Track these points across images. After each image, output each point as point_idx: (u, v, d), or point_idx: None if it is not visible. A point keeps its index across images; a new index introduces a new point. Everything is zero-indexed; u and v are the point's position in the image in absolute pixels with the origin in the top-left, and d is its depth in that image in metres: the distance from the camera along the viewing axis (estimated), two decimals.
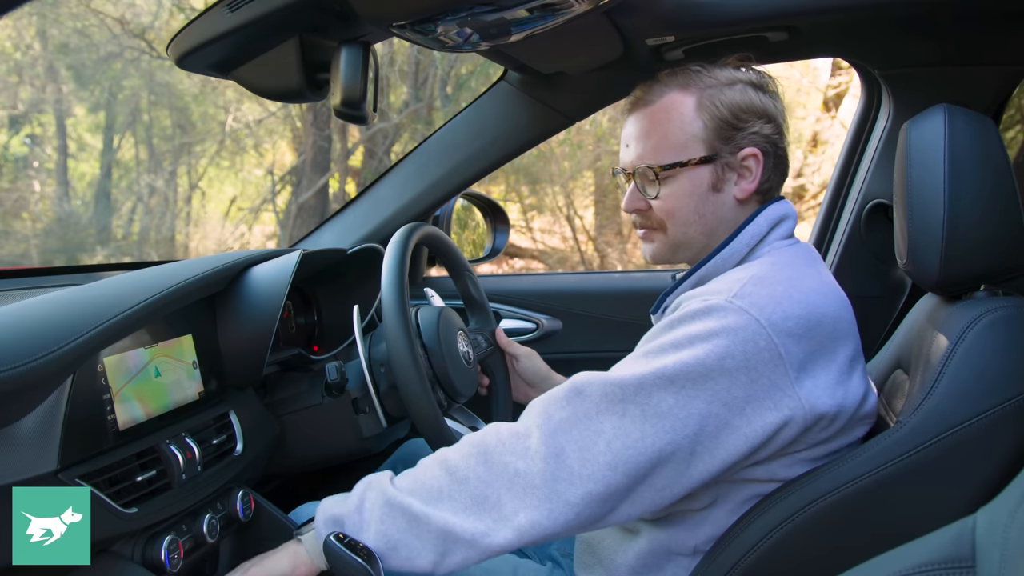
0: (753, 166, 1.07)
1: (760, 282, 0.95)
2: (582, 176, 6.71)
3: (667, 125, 1.07)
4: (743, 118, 1.06)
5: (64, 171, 5.98)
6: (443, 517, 0.91)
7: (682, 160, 1.06)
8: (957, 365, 0.96)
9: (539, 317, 1.81)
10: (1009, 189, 1.02)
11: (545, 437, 0.90)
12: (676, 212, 1.08)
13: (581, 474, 0.89)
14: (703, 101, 1.06)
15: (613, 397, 0.91)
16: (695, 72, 1.08)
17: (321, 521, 0.97)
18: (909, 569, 0.63)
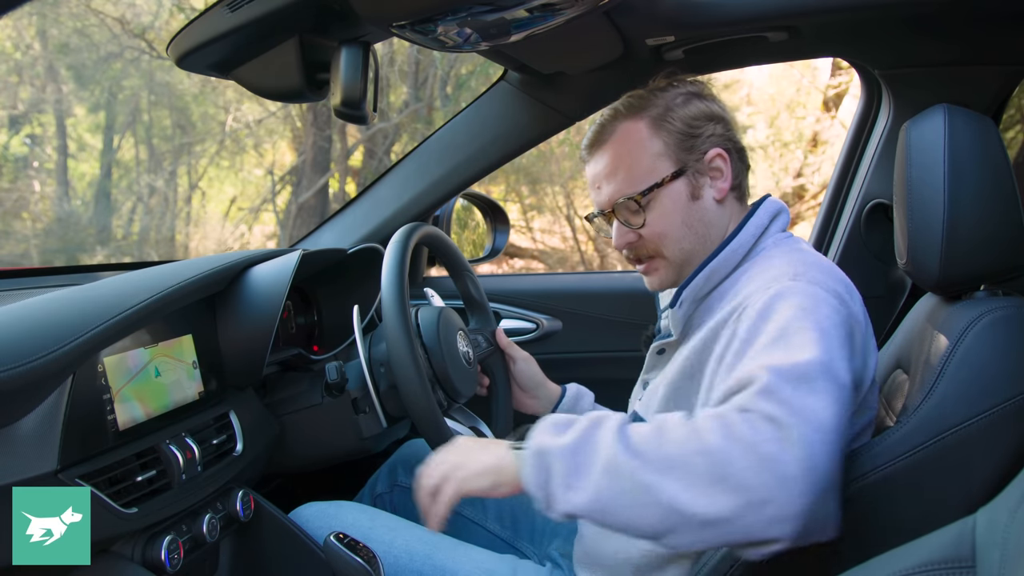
0: (722, 165, 1.10)
1: (805, 263, 0.99)
2: (582, 176, 6.69)
3: (630, 154, 1.11)
4: (695, 125, 1.10)
5: (64, 171, 5.98)
6: (655, 486, 0.78)
7: (656, 181, 1.09)
8: (957, 365, 0.96)
9: (539, 317, 1.82)
10: (1009, 189, 1.02)
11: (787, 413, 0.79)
12: (667, 232, 1.11)
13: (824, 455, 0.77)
14: (654, 121, 1.10)
15: (811, 374, 0.82)
16: (637, 99, 1.12)
17: (532, 448, 0.85)
18: (909, 569, 0.63)
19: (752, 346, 0.90)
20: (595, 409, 1.43)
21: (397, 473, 1.47)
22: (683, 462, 0.77)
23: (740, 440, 0.77)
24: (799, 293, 0.93)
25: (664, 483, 0.77)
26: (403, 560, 1.16)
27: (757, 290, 0.97)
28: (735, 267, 1.08)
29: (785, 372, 0.82)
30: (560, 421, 0.89)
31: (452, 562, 1.16)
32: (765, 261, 1.05)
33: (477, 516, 1.40)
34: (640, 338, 1.34)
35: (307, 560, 1.17)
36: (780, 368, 0.82)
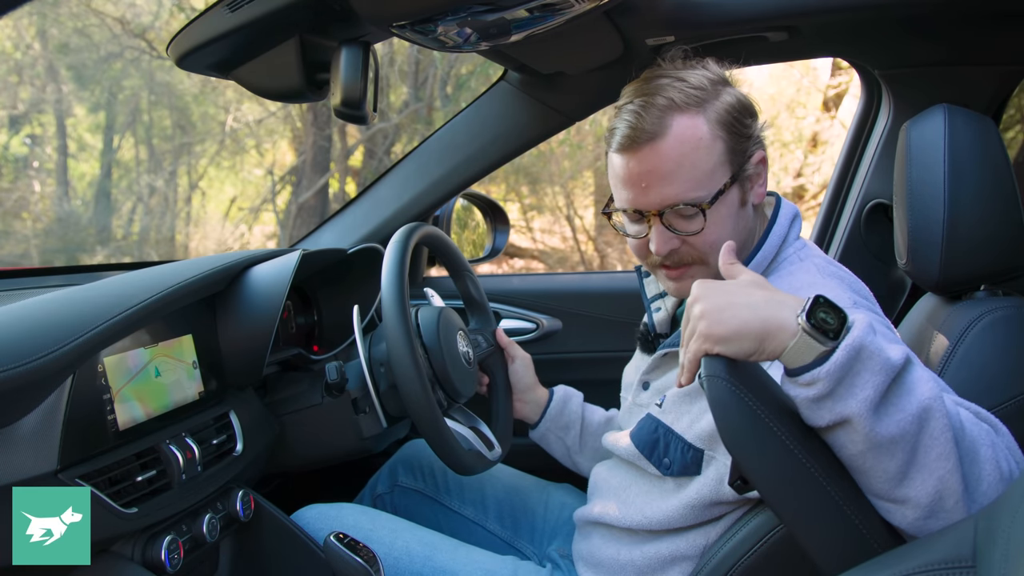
0: (763, 170, 1.07)
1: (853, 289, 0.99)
2: (582, 176, 6.71)
3: (693, 155, 1.00)
4: (746, 122, 1.04)
5: (64, 171, 5.98)
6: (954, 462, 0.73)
7: (720, 188, 1.01)
8: (957, 365, 0.96)
9: (539, 317, 1.81)
10: (1009, 189, 1.02)
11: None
12: (720, 240, 0.98)
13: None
14: (711, 117, 1.01)
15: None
16: (678, 87, 1.01)
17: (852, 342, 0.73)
18: (909, 569, 0.63)
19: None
20: (584, 409, 1.42)
21: (397, 473, 1.47)
22: (979, 457, 0.74)
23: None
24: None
25: (958, 465, 0.72)
26: (403, 561, 1.16)
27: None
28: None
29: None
30: (879, 330, 0.82)
31: (452, 563, 1.16)
32: (800, 275, 1.02)
33: (478, 517, 1.40)
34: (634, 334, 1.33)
35: (307, 560, 1.17)
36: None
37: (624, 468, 1.16)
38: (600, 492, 1.19)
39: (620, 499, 1.13)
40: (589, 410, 1.43)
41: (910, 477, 0.73)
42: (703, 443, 1.03)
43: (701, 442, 1.03)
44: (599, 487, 1.20)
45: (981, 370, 0.95)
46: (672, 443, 1.06)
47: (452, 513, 1.42)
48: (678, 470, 1.05)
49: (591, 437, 1.39)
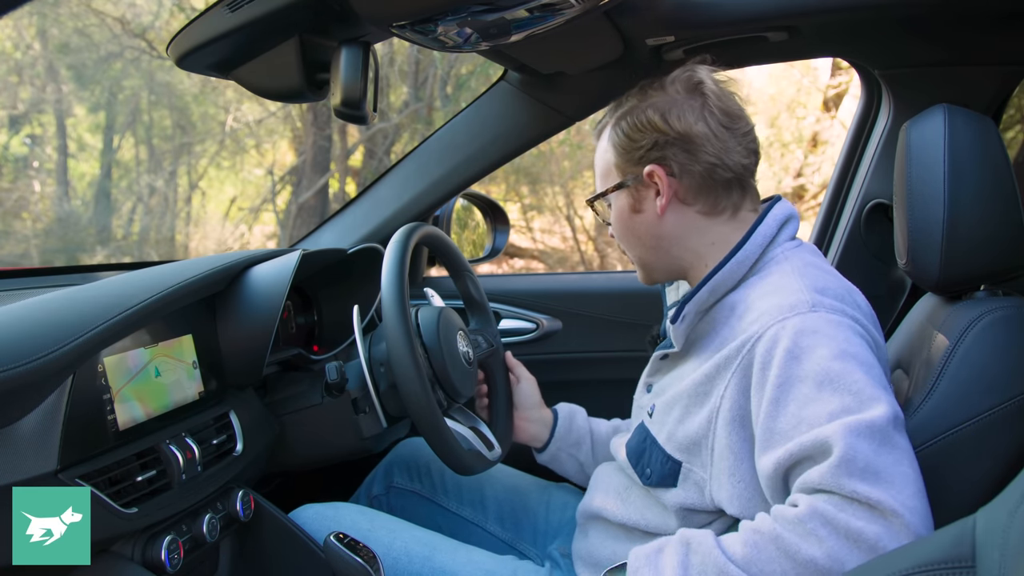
0: (659, 182, 1.07)
1: (815, 287, 0.97)
2: (582, 176, 6.71)
3: (599, 158, 1.15)
4: (638, 138, 1.08)
5: (64, 171, 5.98)
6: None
7: (603, 189, 1.13)
8: (957, 365, 0.96)
9: (539, 317, 1.81)
10: (1009, 189, 1.02)
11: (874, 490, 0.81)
12: (619, 237, 1.15)
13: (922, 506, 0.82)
14: (611, 130, 1.12)
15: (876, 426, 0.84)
16: (625, 98, 1.13)
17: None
18: (909, 569, 0.63)
19: (790, 393, 0.89)
20: (590, 423, 1.40)
21: (393, 475, 1.47)
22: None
23: (845, 536, 0.79)
24: (824, 327, 0.91)
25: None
26: (402, 562, 1.16)
27: (771, 320, 0.93)
28: (741, 279, 1.04)
29: (857, 431, 0.83)
30: (646, 551, 0.91)
31: (452, 563, 1.16)
32: (774, 277, 1.01)
33: (477, 517, 1.40)
34: (644, 339, 1.34)
35: (307, 560, 1.17)
36: (849, 428, 0.83)
37: (626, 472, 1.16)
38: (602, 487, 1.19)
39: (621, 497, 1.14)
40: (595, 423, 1.41)
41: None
42: (681, 455, 1.03)
43: (679, 453, 1.03)
44: (601, 482, 1.20)
45: (981, 370, 0.95)
46: (654, 453, 1.07)
47: (450, 514, 1.42)
48: (656, 480, 1.06)
49: (602, 449, 1.37)
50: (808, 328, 0.91)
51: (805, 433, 0.86)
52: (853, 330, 0.92)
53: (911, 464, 0.84)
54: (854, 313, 0.95)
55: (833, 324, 0.92)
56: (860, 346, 0.91)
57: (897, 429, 0.85)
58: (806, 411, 0.87)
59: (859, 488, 0.80)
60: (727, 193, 1.08)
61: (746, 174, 1.09)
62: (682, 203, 1.08)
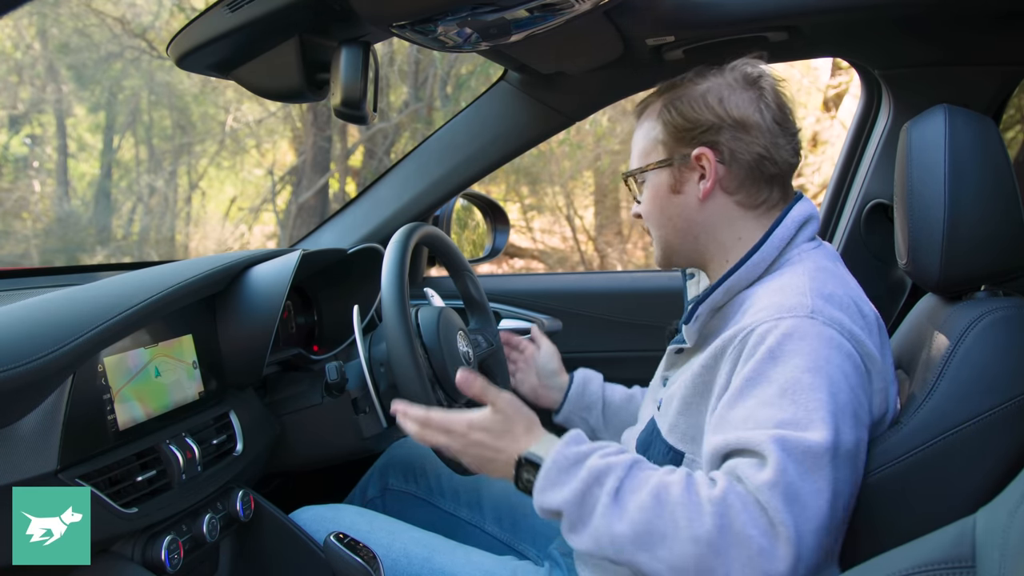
0: (707, 165, 1.07)
1: (821, 293, 0.96)
2: (582, 176, 6.71)
3: (641, 132, 1.14)
4: (696, 119, 1.07)
5: (64, 171, 5.98)
6: (644, 562, 0.86)
7: (643, 165, 1.12)
8: (957, 365, 0.96)
9: (539, 317, 1.81)
10: (1010, 189, 1.02)
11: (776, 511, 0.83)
12: (648, 216, 1.14)
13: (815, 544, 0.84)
14: (663, 107, 1.11)
15: (817, 452, 0.85)
16: (680, 79, 1.12)
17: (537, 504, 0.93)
18: (909, 569, 0.63)
19: (755, 390, 0.91)
20: (604, 389, 1.43)
21: (388, 477, 1.47)
22: (674, 545, 0.84)
23: (734, 534, 0.82)
24: (813, 337, 0.91)
25: (652, 561, 0.85)
26: (401, 563, 1.16)
27: (768, 316, 0.94)
28: (756, 279, 1.04)
29: (792, 449, 0.85)
30: (563, 467, 0.93)
31: (450, 564, 1.16)
32: (786, 277, 1.01)
33: (475, 518, 1.40)
34: (639, 338, 1.34)
35: (307, 560, 1.17)
36: (787, 443, 0.85)
37: None
38: None
39: None
40: (609, 389, 1.44)
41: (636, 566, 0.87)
42: (683, 445, 1.03)
43: (681, 444, 1.04)
44: None
45: (982, 370, 0.95)
46: (658, 445, 1.07)
47: (448, 515, 1.41)
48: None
49: (613, 415, 1.41)
50: (797, 333, 0.92)
51: (750, 431, 0.88)
52: (841, 349, 0.92)
53: (831, 500, 0.85)
54: (852, 327, 0.94)
55: (823, 337, 0.92)
56: (839, 366, 0.91)
57: (835, 460, 0.86)
58: (760, 412, 0.89)
59: (773, 502, 0.82)
60: (768, 188, 1.09)
61: (790, 173, 1.11)
62: (724, 191, 1.08)
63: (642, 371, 1.46)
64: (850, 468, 0.89)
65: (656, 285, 1.88)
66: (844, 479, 0.87)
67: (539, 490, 0.93)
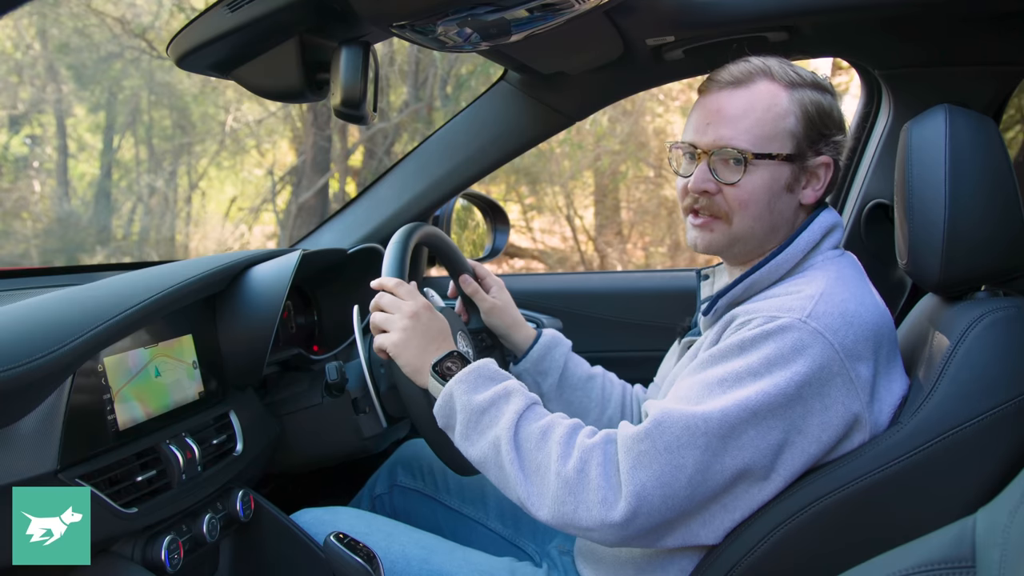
0: (823, 174, 1.08)
1: (830, 300, 0.96)
2: (582, 176, 6.70)
3: (762, 112, 1.04)
4: (828, 124, 1.07)
5: (64, 171, 5.98)
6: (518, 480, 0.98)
7: (772, 152, 1.04)
8: (958, 365, 0.96)
9: (539, 317, 1.81)
10: (1010, 189, 1.02)
11: (626, 471, 0.93)
12: (750, 203, 1.05)
13: (661, 508, 0.92)
14: (796, 98, 1.05)
15: (696, 431, 0.91)
16: (780, 64, 1.07)
17: (446, 392, 1.04)
18: (909, 569, 0.63)
19: (707, 369, 0.96)
20: (567, 360, 1.38)
21: (396, 474, 1.47)
22: (542, 474, 0.96)
23: (588, 479, 0.94)
24: (789, 341, 0.92)
25: (524, 483, 0.97)
26: (400, 565, 1.16)
27: (767, 311, 0.96)
28: (777, 280, 1.05)
29: (670, 422, 0.92)
30: (485, 375, 1.04)
31: (449, 565, 1.16)
32: (803, 281, 1.02)
33: (478, 515, 1.40)
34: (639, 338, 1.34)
35: (307, 560, 1.17)
36: (670, 415, 0.93)
37: None
38: None
39: None
40: (573, 361, 1.39)
41: (505, 487, 1.00)
42: None
43: None
44: None
45: (982, 371, 0.95)
46: None
47: (452, 512, 1.42)
48: None
49: (569, 389, 1.37)
50: (777, 334, 0.93)
51: (667, 401, 0.97)
52: (815, 359, 0.92)
53: (691, 477, 0.91)
54: (847, 339, 0.94)
55: (799, 344, 0.92)
56: (796, 373, 0.92)
57: (717, 445, 0.91)
58: (694, 389, 0.96)
59: (625, 462, 0.93)
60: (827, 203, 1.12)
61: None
62: (820, 198, 1.10)
63: (642, 371, 1.46)
64: (742, 459, 0.92)
65: (656, 285, 1.88)
66: (728, 465, 0.92)
67: (457, 380, 1.03)
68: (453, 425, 1.04)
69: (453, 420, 1.04)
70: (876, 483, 0.94)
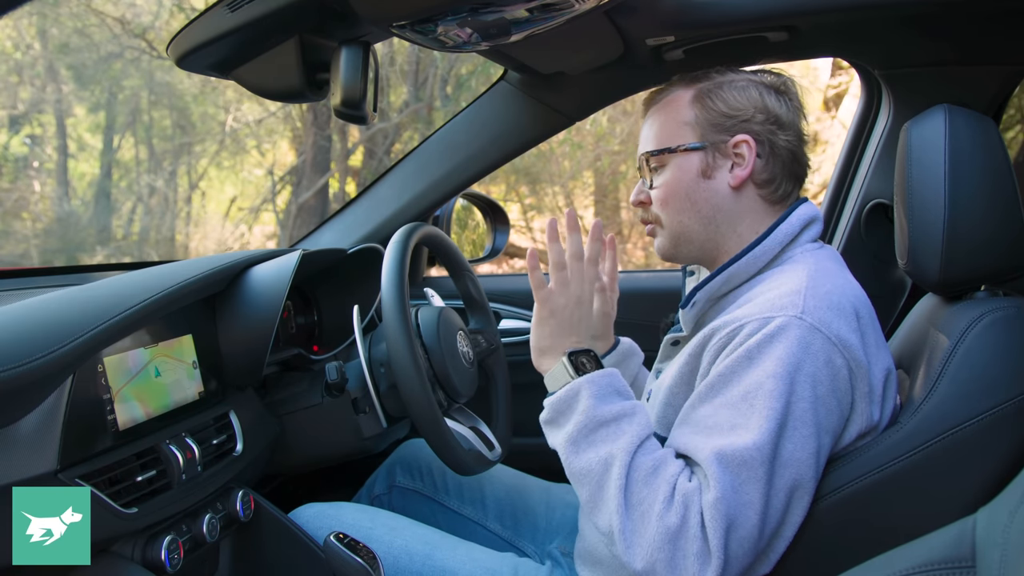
0: (746, 152, 1.07)
1: (817, 293, 0.96)
2: (582, 176, 6.71)
3: (663, 116, 1.12)
4: (737, 107, 1.08)
5: (64, 171, 5.98)
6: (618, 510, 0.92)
7: (671, 146, 1.09)
8: (957, 365, 0.96)
9: None
10: (1009, 189, 1.02)
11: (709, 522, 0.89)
12: (669, 199, 1.10)
13: (738, 552, 0.89)
14: (699, 94, 1.10)
15: (753, 463, 0.89)
16: (709, 72, 1.12)
17: (574, 385, 0.98)
18: (909, 569, 0.63)
19: (724, 388, 0.94)
20: (640, 373, 1.37)
21: (395, 474, 1.47)
22: (644, 514, 0.90)
23: (688, 532, 0.88)
24: (793, 341, 0.91)
25: (623, 515, 0.91)
26: (403, 560, 1.16)
27: (759, 312, 0.95)
28: (756, 273, 1.05)
29: (728, 462, 0.89)
30: (616, 387, 0.99)
31: (452, 561, 1.16)
32: (785, 276, 1.01)
33: (477, 516, 1.40)
34: (640, 338, 1.34)
35: (307, 560, 1.17)
36: (724, 456, 0.89)
37: None
38: None
39: None
40: (644, 373, 1.38)
41: (597, 509, 0.94)
42: (665, 431, 1.04)
43: (664, 431, 1.04)
44: None
45: (982, 371, 0.95)
46: None
47: (451, 513, 1.42)
48: None
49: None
50: (779, 335, 0.92)
51: (700, 437, 0.93)
52: (820, 355, 0.92)
53: (762, 511, 0.89)
54: (841, 331, 0.93)
55: (803, 342, 0.92)
56: (810, 374, 0.91)
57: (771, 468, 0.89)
58: (719, 414, 0.93)
59: (714, 524, 0.87)
60: (791, 187, 1.11)
61: (804, 178, 1.14)
62: (753, 182, 1.09)
63: None
64: (791, 476, 0.90)
65: (655, 285, 1.88)
66: (782, 487, 0.90)
67: (589, 380, 0.98)
68: (562, 424, 0.98)
69: (566, 418, 0.98)
70: (876, 483, 0.94)
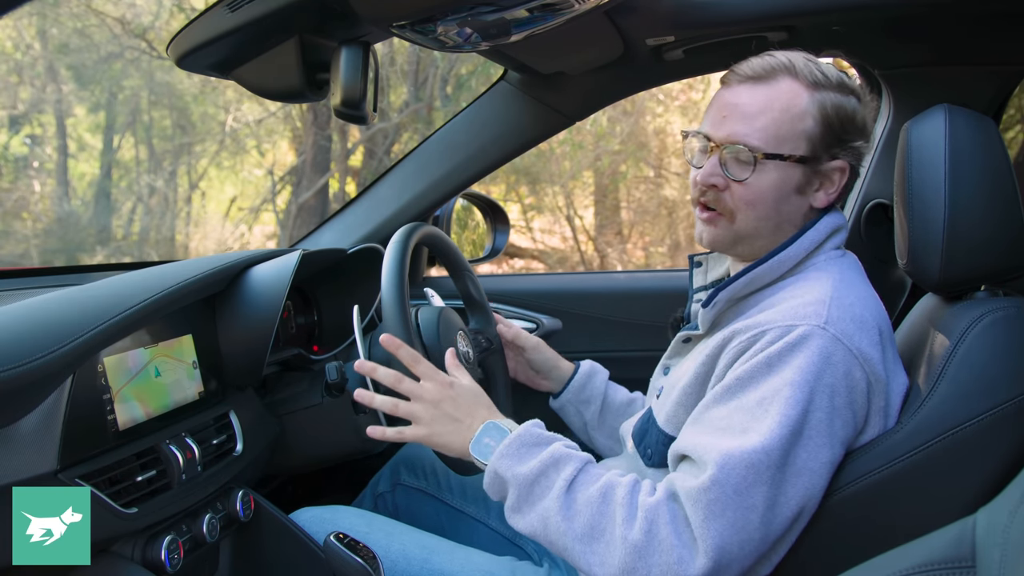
0: (837, 179, 1.06)
1: (841, 304, 0.96)
2: (582, 176, 6.70)
3: (779, 112, 1.02)
4: (848, 129, 1.04)
5: (64, 171, 5.97)
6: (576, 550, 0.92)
7: (783, 153, 1.02)
8: (957, 366, 0.96)
9: (539, 317, 1.81)
10: (1009, 189, 1.02)
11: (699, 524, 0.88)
12: (757, 203, 1.04)
13: (739, 555, 0.88)
14: (817, 99, 1.02)
15: (760, 466, 0.88)
16: (805, 61, 1.04)
17: (491, 469, 0.99)
18: (909, 569, 0.63)
19: (741, 392, 0.93)
20: (607, 387, 1.41)
21: (399, 472, 1.48)
22: (607, 540, 0.90)
23: (659, 541, 0.88)
24: (815, 351, 0.91)
25: (584, 552, 0.91)
26: (400, 564, 1.16)
27: (783, 319, 0.95)
28: (779, 278, 1.04)
29: (733, 465, 0.88)
30: (528, 443, 0.99)
31: (449, 565, 1.16)
32: (809, 283, 1.01)
33: (480, 514, 1.40)
34: (639, 338, 1.34)
35: (307, 560, 1.17)
36: (730, 458, 0.88)
37: (632, 460, 1.16)
38: None
39: None
40: (612, 388, 1.42)
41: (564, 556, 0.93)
42: (675, 431, 1.04)
43: (674, 431, 1.04)
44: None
45: (981, 371, 0.95)
46: (653, 433, 1.08)
47: (454, 511, 1.42)
48: (656, 460, 1.06)
49: (610, 415, 1.40)
50: (802, 344, 0.92)
51: (709, 437, 0.92)
52: (840, 366, 0.92)
53: (765, 514, 0.88)
54: (862, 343, 0.94)
55: (824, 352, 0.92)
56: (828, 385, 0.91)
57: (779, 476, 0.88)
58: (734, 417, 0.92)
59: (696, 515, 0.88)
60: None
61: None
62: (832, 202, 1.08)
63: (641, 371, 1.46)
64: (803, 484, 0.90)
65: (656, 285, 1.88)
66: (793, 495, 0.89)
67: (499, 455, 0.98)
68: (503, 498, 1.00)
69: (506, 495, 0.99)
70: (876, 483, 0.94)
